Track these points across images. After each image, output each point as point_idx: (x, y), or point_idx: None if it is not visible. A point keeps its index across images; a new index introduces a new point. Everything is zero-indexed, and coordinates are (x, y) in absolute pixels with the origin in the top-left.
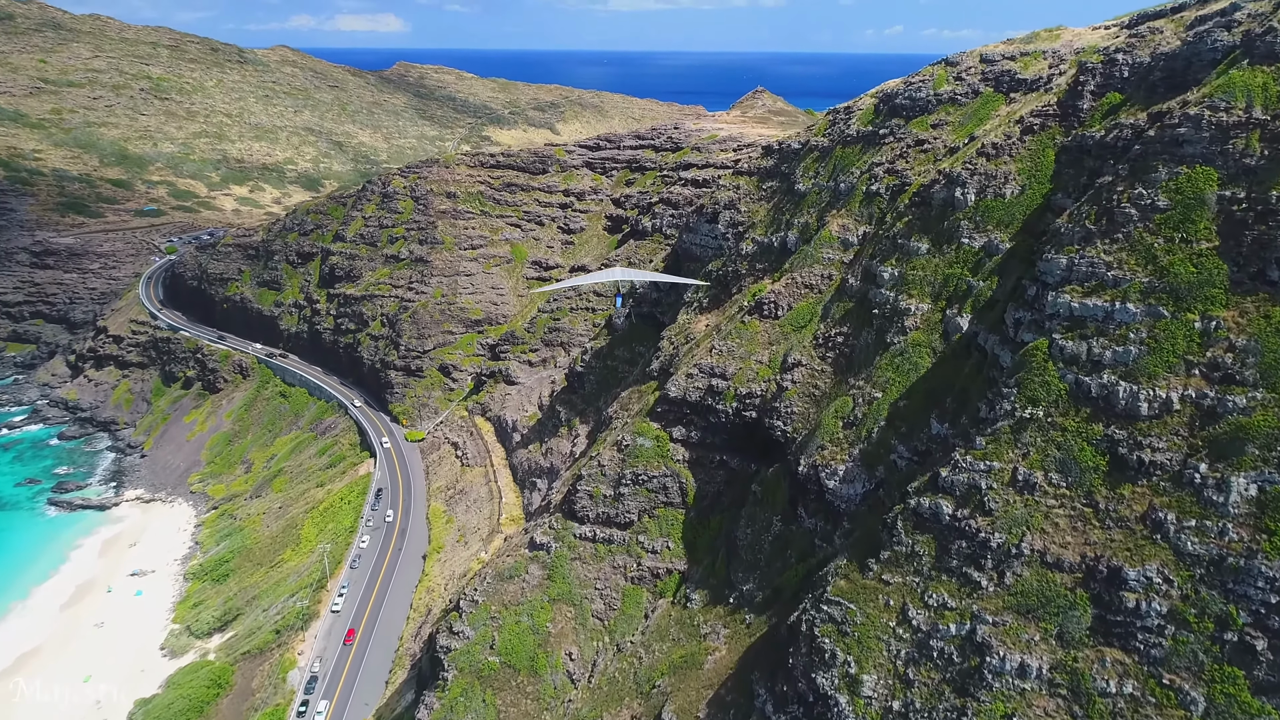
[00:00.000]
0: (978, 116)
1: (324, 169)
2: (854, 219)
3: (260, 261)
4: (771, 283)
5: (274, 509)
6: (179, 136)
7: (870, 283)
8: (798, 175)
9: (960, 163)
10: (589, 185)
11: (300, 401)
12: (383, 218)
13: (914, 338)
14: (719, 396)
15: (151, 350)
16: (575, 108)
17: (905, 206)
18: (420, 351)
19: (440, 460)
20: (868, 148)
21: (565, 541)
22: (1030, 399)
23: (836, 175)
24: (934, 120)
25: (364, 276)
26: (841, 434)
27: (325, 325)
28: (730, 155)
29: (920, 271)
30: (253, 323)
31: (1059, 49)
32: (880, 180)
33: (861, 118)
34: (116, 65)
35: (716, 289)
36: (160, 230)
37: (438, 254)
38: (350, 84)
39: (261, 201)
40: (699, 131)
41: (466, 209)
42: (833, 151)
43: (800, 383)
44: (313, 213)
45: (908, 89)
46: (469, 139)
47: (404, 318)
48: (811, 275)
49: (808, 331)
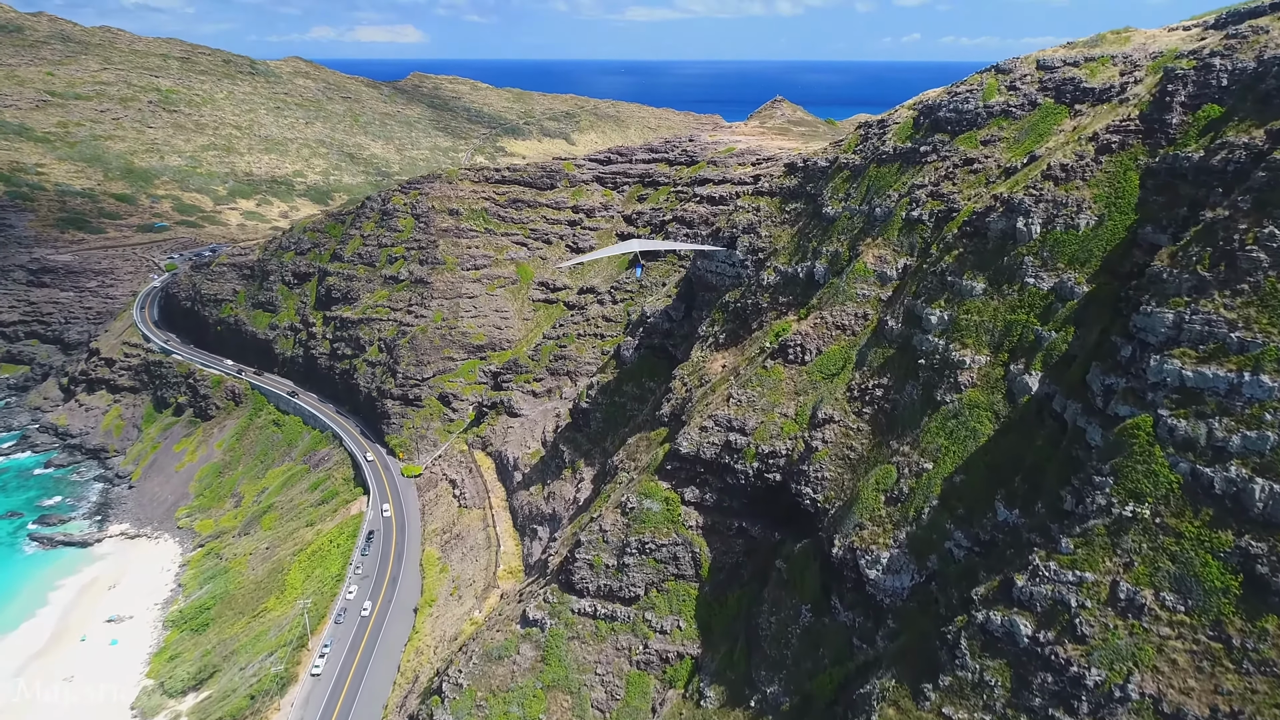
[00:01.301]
0: (1037, 132)
1: (334, 181)
2: (892, 249)
3: (255, 282)
4: (797, 320)
5: (261, 549)
6: (187, 149)
7: (914, 326)
8: (825, 197)
9: (1021, 187)
10: (599, 201)
11: (294, 431)
12: (382, 236)
13: (970, 397)
14: (738, 454)
15: (144, 374)
16: (591, 118)
17: (954, 237)
18: (419, 379)
19: (437, 499)
20: (906, 167)
21: (562, 618)
22: (1132, 493)
23: (870, 198)
24: (985, 136)
25: (361, 298)
26: (883, 511)
27: (321, 350)
28: (749, 170)
29: (975, 316)
30: (247, 346)
31: (1130, 53)
32: (922, 205)
33: (898, 133)
34: (125, 78)
35: (734, 323)
36: (161, 246)
37: (439, 275)
38: (363, 95)
39: (268, 216)
40: (715, 144)
41: (470, 227)
42: (865, 171)
43: (832, 442)
44: (310, 231)
45: (953, 100)
46: (483, 149)
47: (402, 343)
48: (844, 314)
49: (840, 381)
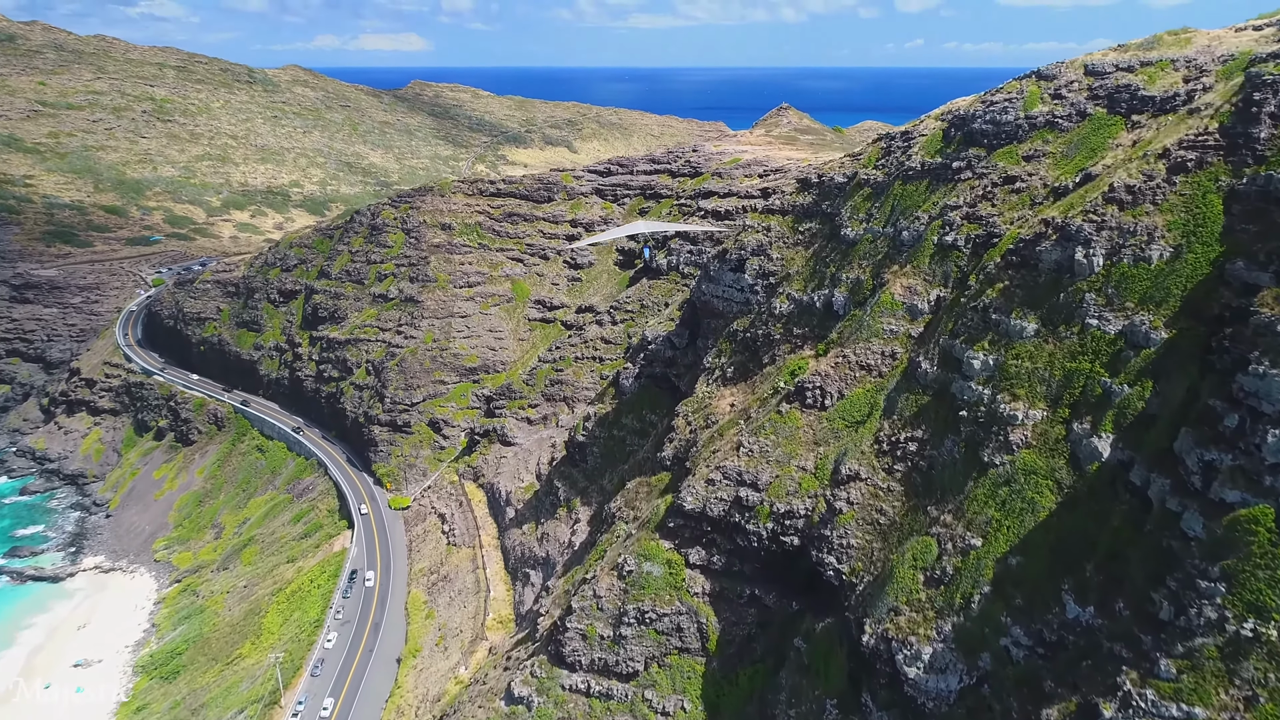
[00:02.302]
0: (1088, 146)
1: (331, 191)
2: (923, 278)
3: (240, 300)
4: (815, 357)
5: (239, 587)
6: (180, 160)
7: (952, 370)
8: (844, 217)
9: (1078, 211)
10: (599, 214)
11: (278, 457)
12: (371, 252)
13: (1025, 459)
14: (749, 513)
15: (124, 396)
16: (593, 125)
17: (997, 267)
18: (408, 404)
19: (425, 535)
20: (937, 185)
21: (551, 695)
22: (1252, 607)
23: (896, 219)
24: (1027, 150)
25: (349, 318)
26: (923, 594)
27: (307, 372)
28: (755, 182)
29: (1027, 362)
30: (230, 367)
31: (1194, 57)
32: (957, 229)
33: (926, 146)
34: (119, 87)
35: (743, 355)
36: (150, 260)
37: (430, 293)
38: (363, 103)
39: (262, 227)
40: (720, 154)
41: (463, 242)
42: (889, 188)
43: (859, 504)
44: (297, 246)
45: (988, 110)
46: (484, 158)
47: (391, 365)
48: (868, 352)
49: (866, 431)
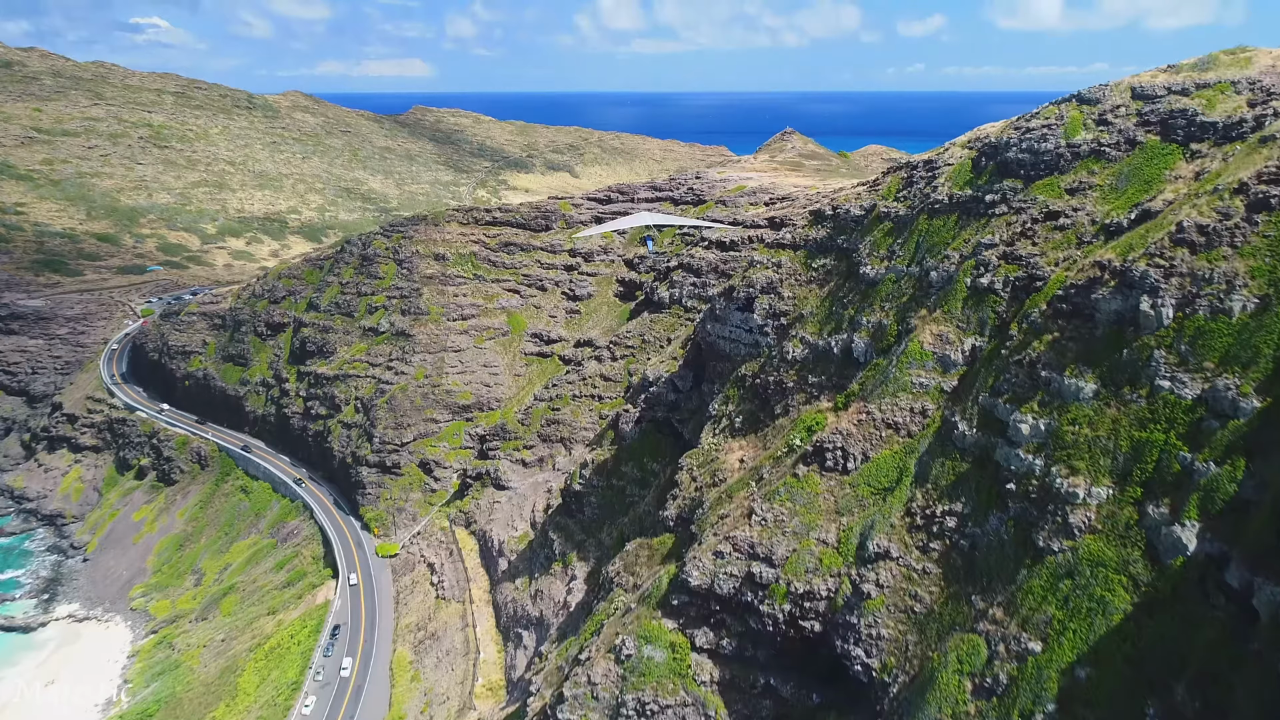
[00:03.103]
0: (1141, 178)
1: (329, 218)
2: (955, 325)
3: (227, 333)
4: (834, 411)
5: (216, 641)
6: (176, 186)
7: (995, 433)
8: (863, 253)
9: (1139, 253)
10: (599, 244)
11: (262, 499)
12: (361, 284)
13: (1090, 547)
14: (763, 591)
15: (107, 432)
16: (595, 150)
17: (1043, 316)
18: (398, 444)
19: (413, 586)
20: (967, 220)
21: None
22: None
23: (922, 257)
24: (1070, 183)
25: (338, 352)
26: (972, 707)
27: (294, 408)
28: (761, 211)
29: (1086, 429)
30: (215, 402)
31: (1259, 79)
32: (993, 270)
33: (954, 177)
34: (116, 113)
35: (752, 403)
36: (140, 290)
37: (422, 326)
38: (363, 129)
39: (258, 255)
40: (724, 182)
41: (457, 273)
42: (914, 223)
43: (890, 588)
44: (285, 277)
45: (1023, 138)
46: (485, 183)
47: (380, 403)
48: (896, 408)
49: (895, 500)
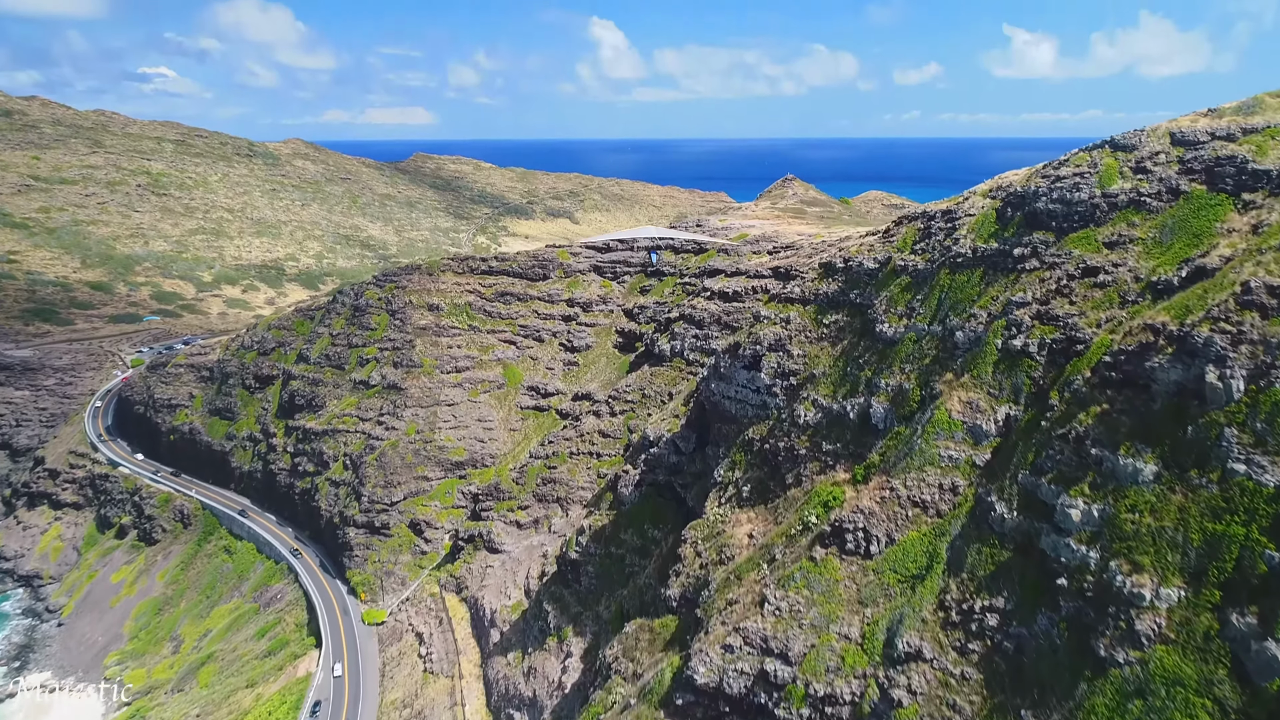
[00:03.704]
0: (1189, 231)
1: (327, 265)
2: (986, 392)
3: (214, 385)
4: (852, 485)
5: (191, 716)
6: (173, 234)
7: (1039, 518)
8: (879, 310)
9: (1200, 315)
10: (597, 293)
11: (246, 561)
12: (352, 335)
13: (1163, 661)
14: (779, 693)
15: (89, 489)
16: (596, 196)
17: (1089, 384)
18: (387, 504)
19: (400, 658)
20: (994, 275)
21: None
22: None
23: (945, 316)
24: (1108, 235)
25: (327, 406)
26: None
27: (281, 465)
28: (765, 260)
29: (1148, 518)
30: (201, 457)
31: None
32: (1027, 331)
33: (977, 228)
34: (115, 161)
35: (761, 470)
36: (131, 339)
37: (414, 379)
38: (364, 176)
39: (253, 303)
40: (726, 229)
41: (452, 324)
42: (934, 278)
43: (924, 694)
44: (275, 328)
45: (1054, 187)
46: (485, 229)
47: (369, 460)
48: (923, 484)
49: (926, 591)
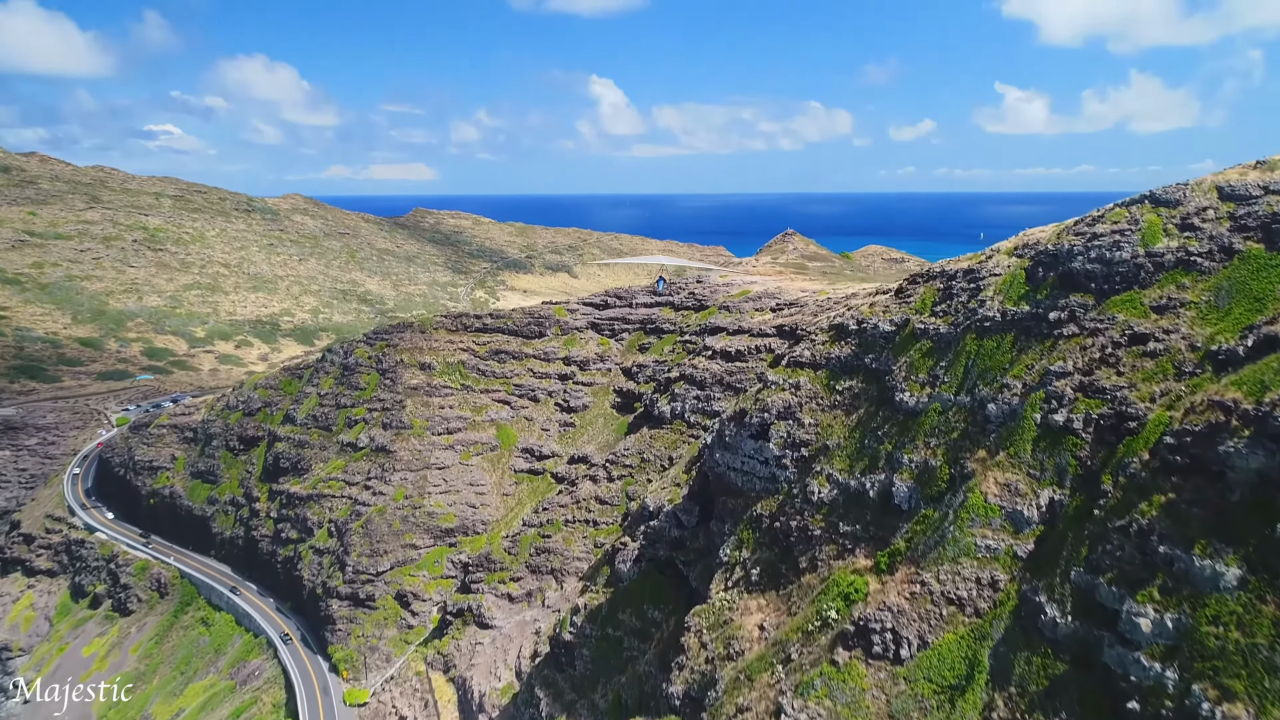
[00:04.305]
0: (1248, 294)
1: (323, 320)
2: (1026, 473)
3: (197, 447)
4: (875, 575)
5: None
6: (168, 289)
7: (1098, 624)
8: (898, 377)
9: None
10: (594, 351)
11: (224, 633)
12: (341, 395)
13: None
14: None
15: (64, 555)
16: (594, 250)
17: (1148, 469)
18: (373, 574)
19: None
20: (1027, 341)
21: None
22: None
23: (973, 385)
24: (1156, 299)
25: (313, 469)
26: None
27: (263, 531)
28: (769, 318)
29: (1235, 633)
30: (182, 522)
31: None
32: (1069, 405)
33: (1005, 290)
34: (112, 217)
35: (772, 551)
36: (119, 396)
37: (404, 441)
38: (363, 230)
39: (246, 359)
40: (727, 286)
41: (444, 383)
42: (959, 343)
43: None
44: (262, 388)
45: (1090, 246)
46: (484, 283)
47: (355, 527)
48: (958, 578)
49: (968, 706)
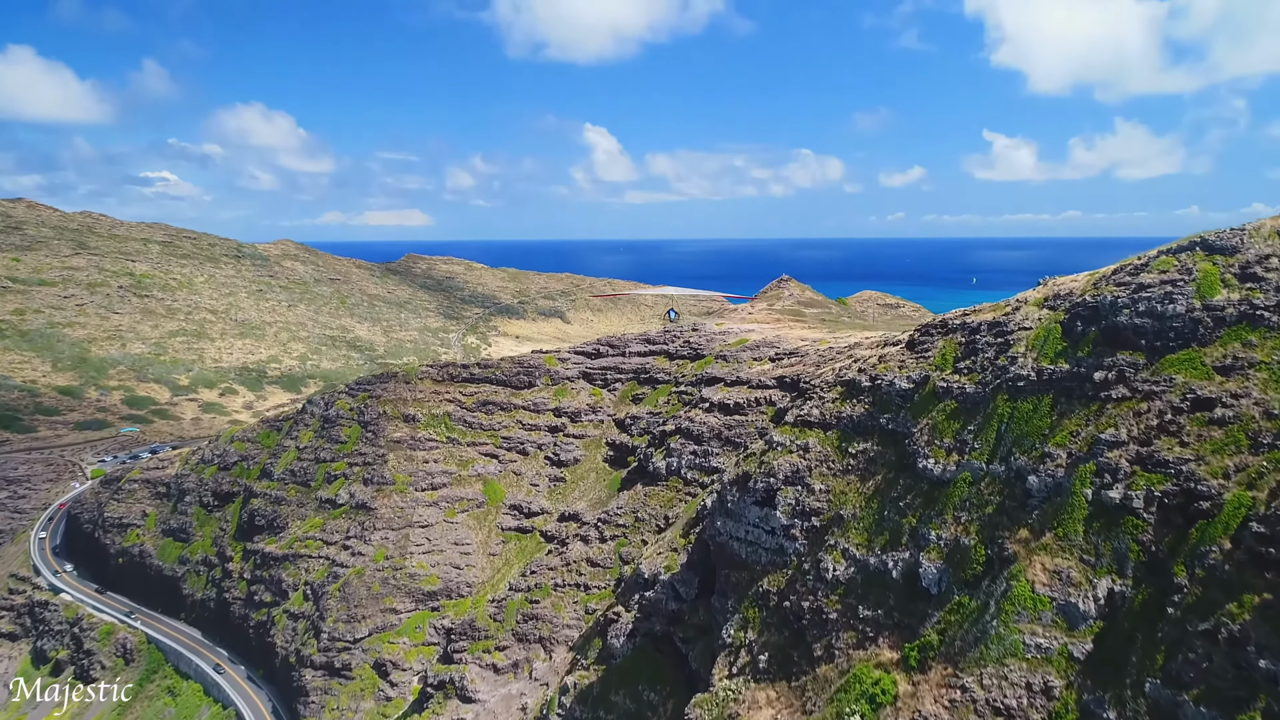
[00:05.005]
0: None
1: (311, 367)
2: (1078, 558)
3: (170, 503)
4: (903, 671)
5: None
6: (152, 336)
7: None
8: (919, 441)
9: None
10: (586, 402)
11: (191, 704)
12: (320, 449)
13: None
14: None
15: (27, 617)
16: (586, 295)
17: (1229, 559)
18: (350, 641)
19: None
20: (1069, 404)
21: None
22: None
23: (1007, 453)
24: (1220, 358)
25: (289, 527)
26: None
27: (236, 593)
28: (768, 369)
29: None
30: (151, 583)
31: None
32: (1126, 479)
33: (1039, 345)
34: (98, 263)
35: (781, 635)
36: (95, 447)
37: (385, 497)
38: (354, 276)
39: (230, 408)
40: (724, 335)
41: (429, 436)
42: (989, 405)
43: None
44: (238, 441)
45: (1136, 297)
46: (475, 329)
47: (332, 590)
48: (1004, 683)
49: None
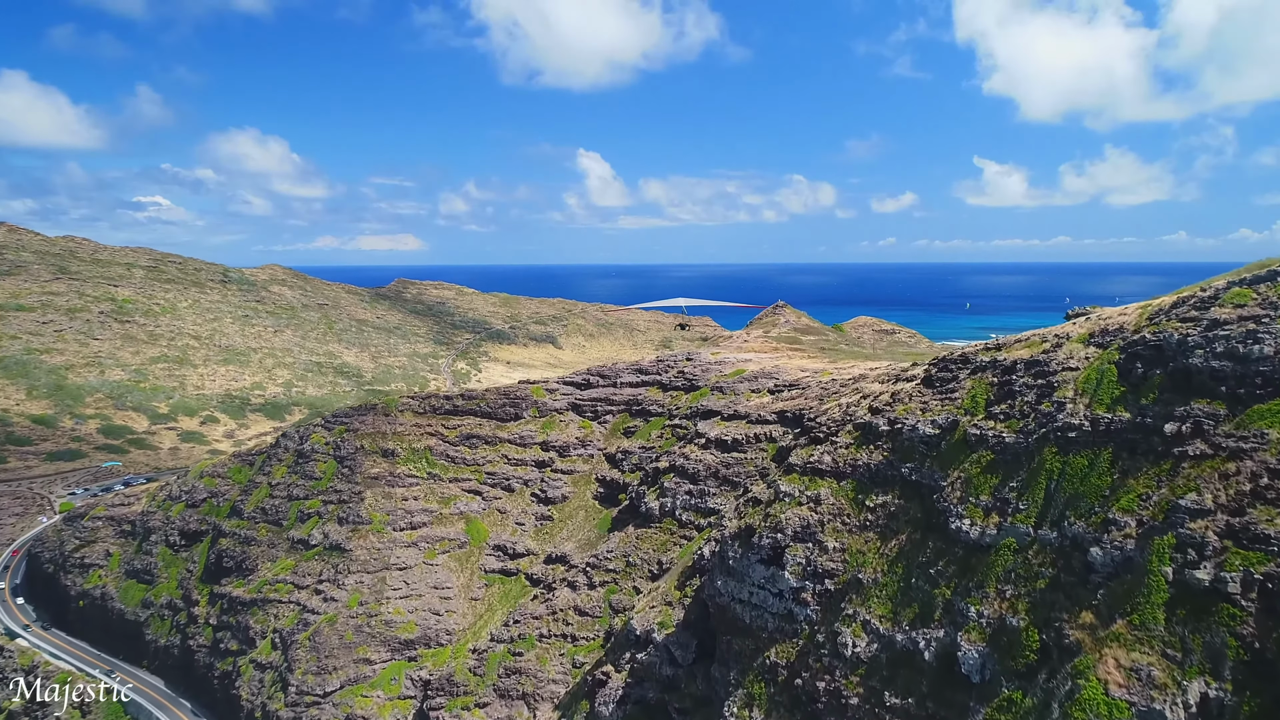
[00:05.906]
0: None
1: (296, 394)
2: (1160, 653)
3: (135, 541)
4: None
5: None
6: (133, 362)
7: None
8: (950, 497)
9: None
10: (575, 435)
11: None
12: (294, 485)
13: None
14: None
15: None
16: (578, 320)
17: None
18: (319, 695)
19: None
20: (1134, 460)
21: None
22: None
23: (1060, 516)
24: None
25: (259, 570)
26: None
27: (201, 640)
28: (767, 401)
29: None
30: (113, 628)
31: None
32: (1214, 556)
33: (1091, 389)
34: (79, 288)
35: (794, 717)
36: (66, 479)
37: (361, 538)
38: (342, 301)
39: (210, 436)
40: (720, 365)
41: (409, 472)
42: (1034, 458)
43: None
44: (208, 476)
45: (1211, 337)
46: (465, 354)
47: (302, 639)
48: None
49: None
